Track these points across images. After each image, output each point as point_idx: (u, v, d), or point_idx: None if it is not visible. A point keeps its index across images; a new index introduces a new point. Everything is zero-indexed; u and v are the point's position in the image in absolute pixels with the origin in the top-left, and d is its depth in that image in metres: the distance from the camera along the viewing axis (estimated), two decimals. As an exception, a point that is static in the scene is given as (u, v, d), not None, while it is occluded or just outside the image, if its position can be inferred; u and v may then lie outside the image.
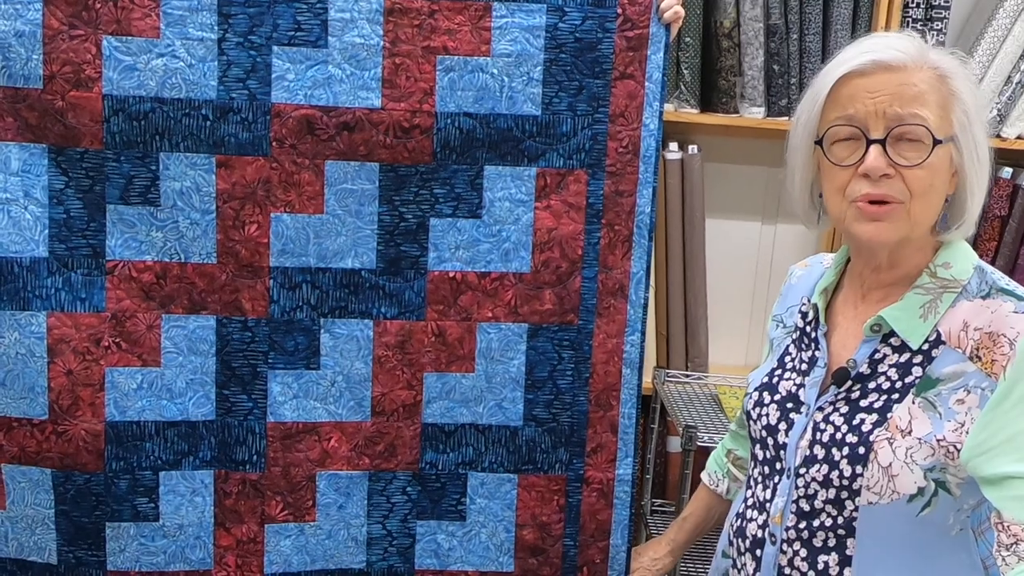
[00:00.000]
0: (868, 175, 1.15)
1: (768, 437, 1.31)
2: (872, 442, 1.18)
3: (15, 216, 1.54)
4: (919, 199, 1.16)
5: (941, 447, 1.14)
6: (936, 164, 1.16)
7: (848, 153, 1.18)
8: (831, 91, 1.19)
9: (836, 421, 1.22)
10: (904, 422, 1.17)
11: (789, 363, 1.34)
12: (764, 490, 1.30)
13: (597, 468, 1.72)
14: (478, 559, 1.73)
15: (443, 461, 1.69)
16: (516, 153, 1.61)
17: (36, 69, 1.50)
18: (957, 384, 1.15)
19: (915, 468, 1.15)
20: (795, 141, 1.27)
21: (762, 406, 1.33)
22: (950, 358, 1.17)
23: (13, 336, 1.56)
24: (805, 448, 1.24)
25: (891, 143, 1.15)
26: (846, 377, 1.24)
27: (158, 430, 1.62)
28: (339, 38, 1.54)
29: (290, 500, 1.66)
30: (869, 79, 1.16)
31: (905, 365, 1.20)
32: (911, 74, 1.16)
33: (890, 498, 1.17)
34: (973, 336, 1.15)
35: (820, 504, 1.22)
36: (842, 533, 1.21)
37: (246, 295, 1.60)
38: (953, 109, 1.17)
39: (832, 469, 1.21)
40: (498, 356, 1.66)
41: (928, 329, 1.19)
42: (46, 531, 1.63)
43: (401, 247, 1.62)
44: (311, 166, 1.57)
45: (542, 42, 1.57)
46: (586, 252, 1.65)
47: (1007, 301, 1.16)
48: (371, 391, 1.65)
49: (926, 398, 1.17)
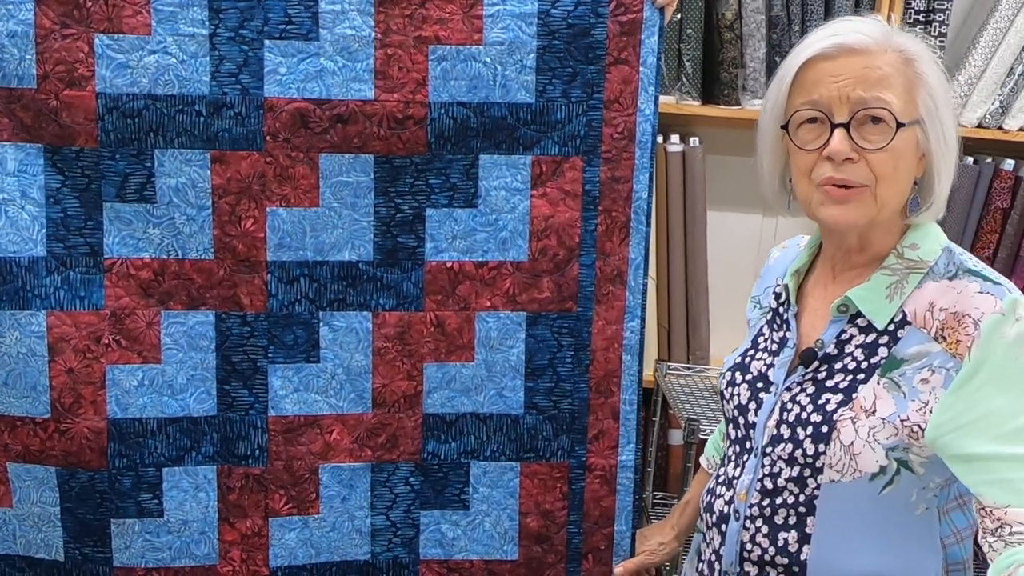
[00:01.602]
0: (832, 159, 1.16)
1: (739, 416, 1.32)
2: (835, 421, 1.18)
3: (12, 216, 1.55)
4: (884, 182, 1.16)
5: (904, 427, 1.14)
6: (901, 147, 1.16)
7: (813, 137, 1.18)
8: (797, 75, 1.20)
9: (802, 401, 1.23)
10: (868, 402, 1.17)
11: (762, 343, 1.35)
12: (735, 468, 1.32)
13: (599, 455, 1.72)
14: (482, 548, 1.74)
15: (445, 451, 1.69)
16: (511, 141, 1.60)
17: (29, 69, 1.50)
18: (921, 364, 1.15)
19: (877, 447, 1.16)
20: (763, 126, 1.28)
21: (734, 386, 1.34)
22: (915, 338, 1.17)
23: (14, 335, 1.57)
24: (772, 427, 1.25)
25: (855, 126, 1.15)
26: (813, 357, 1.24)
27: (160, 426, 1.62)
28: (330, 30, 1.54)
29: (293, 493, 1.66)
30: (833, 63, 1.17)
31: (871, 345, 1.20)
32: (875, 57, 1.16)
33: (852, 476, 1.18)
34: (938, 316, 1.15)
35: (783, 482, 1.23)
36: (803, 511, 1.22)
37: (244, 290, 1.60)
38: (919, 92, 1.17)
39: (796, 448, 1.21)
40: (497, 345, 1.66)
41: (894, 310, 1.19)
42: (52, 528, 1.64)
43: (398, 238, 1.62)
44: (305, 159, 1.57)
45: (534, 29, 1.57)
46: (583, 239, 1.64)
47: (973, 282, 1.15)
48: (371, 383, 1.65)
49: (891, 378, 1.17)
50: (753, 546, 1.26)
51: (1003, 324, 1.10)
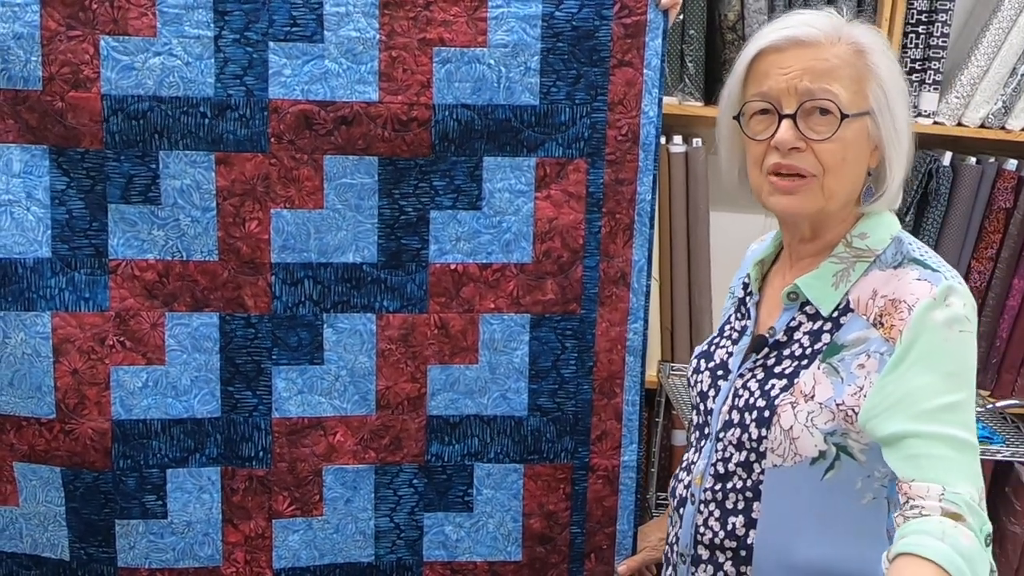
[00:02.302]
0: (779, 148, 1.18)
1: (700, 403, 1.35)
2: (776, 406, 1.20)
3: (18, 217, 1.55)
4: (831, 173, 1.18)
5: (841, 411, 1.16)
6: (849, 138, 1.17)
7: (763, 127, 1.20)
8: (750, 68, 1.22)
9: (752, 387, 1.26)
10: (808, 387, 1.19)
11: (727, 331, 1.38)
12: (695, 453, 1.35)
13: (602, 455, 1.72)
14: (486, 549, 1.74)
15: (449, 453, 1.69)
16: (515, 143, 1.60)
17: (35, 71, 1.50)
18: (859, 350, 1.17)
19: (815, 432, 1.17)
20: (721, 119, 1.31)
21: (698, 373, 1.38)
22: (856, 325, 1.19)
23: (19, 336, 1.57)
24: (725, 413, 1.28)
25: (802, 117, 1.17)
26: (763, 344, 1.27)
27: (164, 428, 1.63)
28: (335, 32, 1.54)
29: (297, 495, 1.67)
30: (783, 55, 1.19)
31: (816, 332, 1.22)
32: (824, 49, 1.18)
33: (793, 460, 1.19)
34: (879, 303, 1.17)
35: (732, 467, 1.26)
36: (750, 496, 1.24)
37: (248, 292, 1.61)
38: (869, 84, 1.18)
39: (743, 432, 1.24)
40: (501, 347, 1.66)
41: (839, 297, 1.21)
42: (58, 528, 1.65)
43: (402, 240, 1.62)
44: (310, 161, 1.58)
45: (539, 31, 1.57)
46: (587, 241, 1.64)
47: (914, 269, 1.17)
48: (375, 385, 1.65)
49: (830, 364, 1.19)
50: (706, 529, 1.29)
51: (933, 308, 1.12)
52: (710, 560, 1.29)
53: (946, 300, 1.12)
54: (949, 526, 1.03)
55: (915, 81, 2.12)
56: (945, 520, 1.04)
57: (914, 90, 2.12)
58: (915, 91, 2.12)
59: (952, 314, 1.11)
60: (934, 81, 2.11)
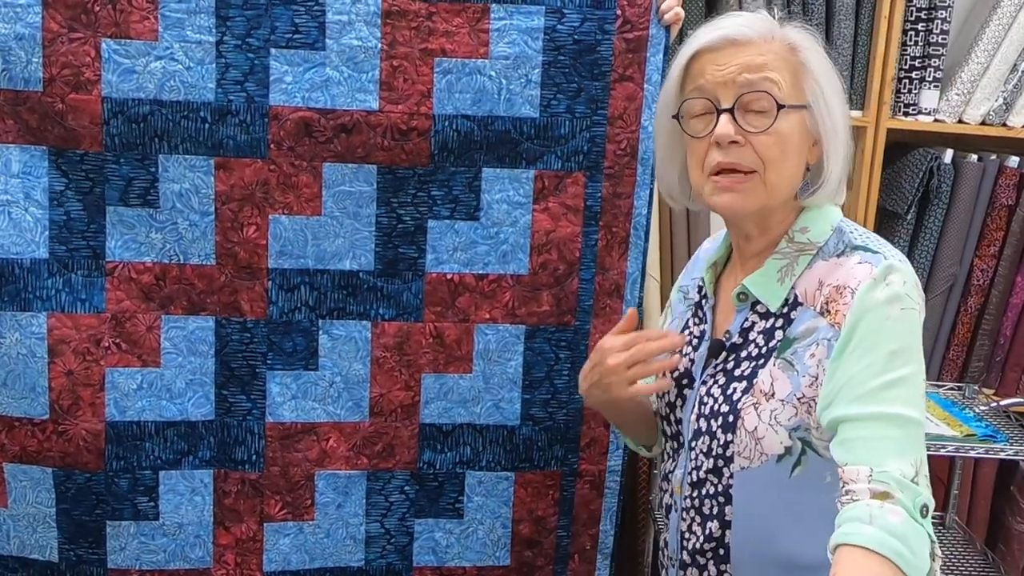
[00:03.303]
0: (719, 143, 1.18)
1: (669, 414, 1.35)
2: (739, 409, 1.21)
3: (16, 218, 1.55)
4: (771, 166, 1.18)
5: (802, 404, 1.16)
6: (786, 131, 1.18)
7: (703, 126, 1.21)
8: (686, 68, 1.23)
9: (715, 393, 1.26)
10: (767, 385, 1.19)
11: (688, 338, 1.37)
12: (671, 463, 1.36)
13: (590, 461, 1.73)
14: (475, 555, 1.75)
15: (441, 461, 1.70)
16: (514, 155, 1.61)
17: (36, 72, 1.50)
18: (810, 340, 1.17)
19: (780, 429, 1.18)
20: (658, 123, 1.32)
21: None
22: (805, 316, 1.19)
23: (14, 336, 1.57)
24: (694, 422, 1.28)
25: (741, 112, 1.18)
26: (721, 348, 1.27)
27: (158, 430, 1.63)
28: (337, 40, 1.55)
29: (289, 499, 1.67)
30: (719, 53, 1.20)
31: (769, 330, 1.23)
32: (759, 47, 1.19)
33: (759, 460, 1.20)
34: (824, 292, 1.17)
35: (703, 474, 1.27)
36: (722, 500, 1.25)
37: (245, 296, 1.61)
38: (804, 79, 1.20)
39: (712, 440, 1.25)
40: (496, 357, 1.67)
41: (785, 291, 1.22)
42: (47, 529, 1.65)
43: (399, 249, 1.63)
44: (309, 168, 1.58)
45: (540, 44, 1.57)
46: (584, 254, 1.65)
47: (856, 254, 1.18)
48: (369, 392, 1.66)
49: (785, 358, 1.19)
50: (689, 535, 1.30)
51: (874, 288, 1.12)
52: (693, 563, 1.31)
53: (886, 279, 1.12)
54: (876, 507, 1.04)
55: (915, 79, 2.11)
56: (872, 502, 1.04)
57: (914, 88, 2.11)
58: (915, 89, 2.12)
59: (892, 292, 1.12)
60: (934, 78, 2.10)
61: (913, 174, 2.14)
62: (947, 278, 2.18)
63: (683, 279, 1.47)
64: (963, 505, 2.28)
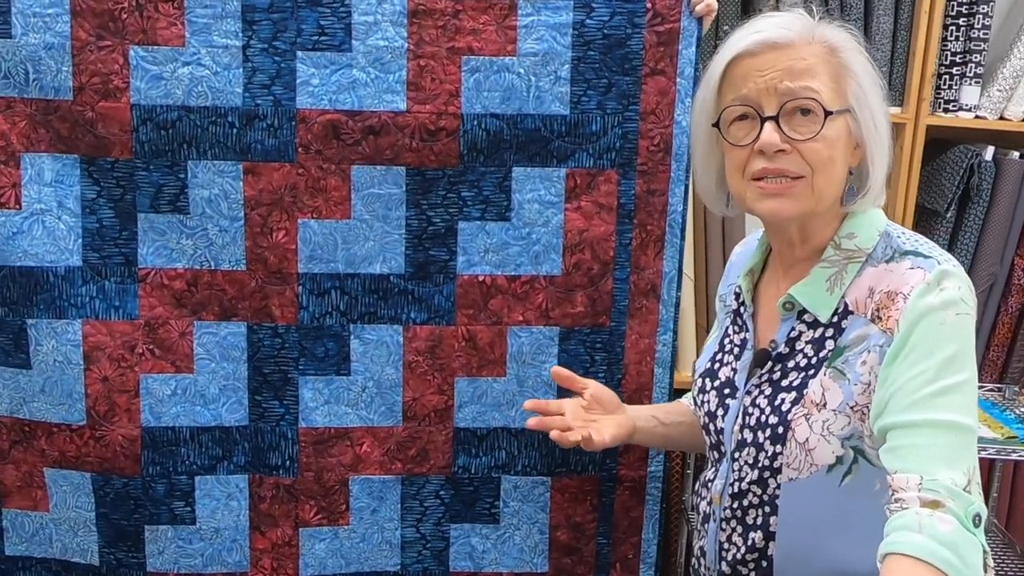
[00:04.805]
0: (764, 152, 1.16)
1: (710, 424, 1.33)
2: (790, 421, 1.19)
3: (49, 226, 1.56)
4: (819, 172, 1.16)
5: (855, 412, 1.14)
6: (832, 136, 1.15)
7: (744, 133, 1.18)
8: (724, 74, 1.20)
9: (761, 403, 1.24)
10: (818, 396, 1.17)
11: (728, 345, 1.35)
12: (711, 471, 1.34)
13: (629, 467, 1.70)
14: (512, 560, 1.73)
15: (476, 465, 1.68)
16: (545, 154, 1.58)
17: (66, 81, 1.51)
18: (861, 347, 1.15)
19: (832, 439, 1.16)
20: (695, 127, 1.29)
21: (704, 392, 1.35)
22: (856, 324, 1.17)
23: (51, 344, 1.59)
24: (737, 432, 1.26)
25: (785, 119, 1.15)
26: (766, 358, 1.25)
27: (193, 435, 1.63)
28: (363, 41, 1.53)
29: (323, 504, 1.67)
30: (759, 58, 1.17)
31: (819, 340, 1.20)
32: (800, 50, 1.16)
33: (809, 471, 1.18)
34: (876, 299, 1.15)
35: (747, 485, 1.25)
36: (767, 511, 1.23)
37: (276, 301, 1.60)
38: (846, 81, 1.17)
39: (758, 452, 1.22)
40: (529, 360, 1.64)
41: (835, 301, 1.19)
42: (88, 533, 1.67)
43: (430, 251, 1.60)
44: (337, 171, 1.56)
45: (569, 40, 1.54)
46: (618, 253, 1.62)
47: (906, 260, 1.15)
48: (402, 396, 1.64)
49: (836, 367, 1.17)
50: (730, 545, 1.28)
51: (927, 293, 1.10)
52: (734, 574, 1.28)
53: (940, 284, 1.10)
54: (926, 516, 1.02)
55: (956, 75, 2.05)
56: (922, 511, 1.02)
57: (955, 84, 2.06)
58: (956, 85, 2.06)
59: (948, 297, 1.09)
60: (975, 74, 2.05)
61: (953, 171, 2.08)
62: (987, 277, 2.12)
63: (720, 287, 1.45)
64: (1002, 508, 2.21)
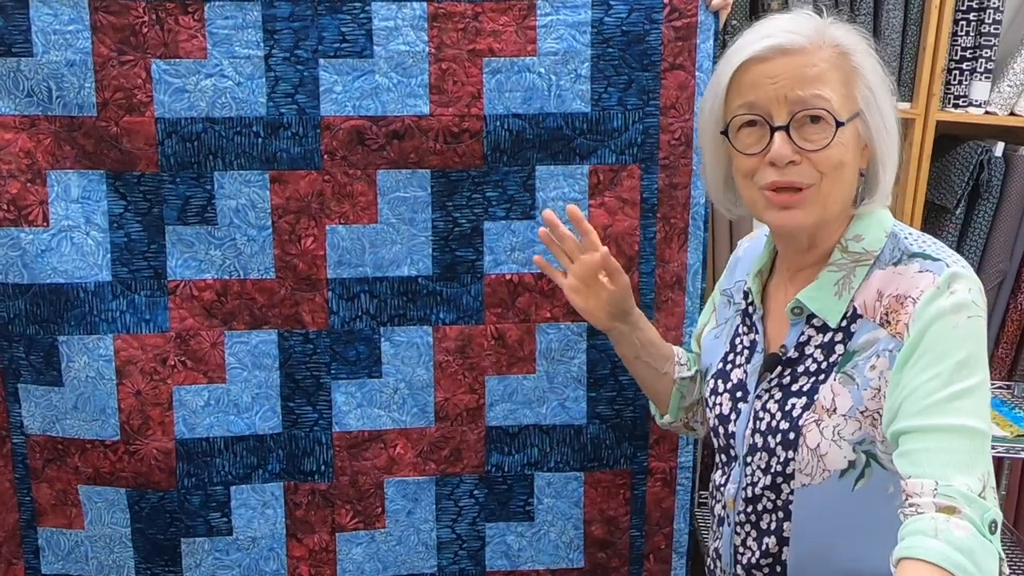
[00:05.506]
0: (775, 163, 1.14)
1: (720, 426, 1.32)
2: (801, 426, 1.18)
3: (78, 243, 1.56)
4: (829, 178, 1.14)
5: (866, 417, 1.13)
6: (843, 143, 1.14)
7: (754, 140, 1.16)
8: (733, 78, 1.17)
9: (771, 408, 1.23)
10: (828, 401, 1.16)
11: (739, 346, 1.34)
12: (722, 476, 1.33)
13: (660, 459, 1.71)
14: (548, 557, 1.74)
15: (509, 463, 1.69)
16: (567, 152, 1.59)
17: (89, 97, 1.51)
18: (870, 352, 1.14)
19: (843, 444, 1.15)
20: (702, 130, 1.27)
21: (716, 395, 1.34)
22: (865, 328, 1.16)
23: (83, 360, 1.59)
24: (749, 437, 1.25)
25: (795, 128, 1.13)
26: (776, 363, 1.24)
27: (227, 445, 1.64)
28: (384, 47, 1.54)
29: (359, 508, 1.67)
30: (769, 64, 1.14)
31: (828, 344, 1.19)
32: (810, 55, 1.13)
33: (822, 477, 1.17)
34: (885, 303, 1.14)
35: (760, 490, 1.24)
36: (780, 516, 1.22)
37: (306, 308, 1.61)
38: (857, 85, 1.15)
39: (771, 457, 1.21)
40: (559, 356, 1.65)
41: (844, 306, 1.18)
42: (123, 549, 1.66)
43: (456, 252, 1.62)
44: (363, 176, 1.58)
45: (588, 38, 1.56)
46: (642, 247, 1.63)
47: (915, 263, 1.14)
48: (434, 397, 1.65)
49: (845, 372, 1.16)
50: (744, 549, 1.28)
51: (938, 297, 1.08)
52: None
53: (950, 287, 1.09)
54: (941, 521, 1.01)
55: (966, 70, 2.07)
56: (938, 516, 1.01)
57: (965, 79, 2.08)
58: (966, 80, 2.08)
59: (958, 300, 1.08)
60: (985, 70, 2.06)
61: (963, 167, 2.09)
62: (996, 274, 2.13)
63: (724, 281, 1.43)
64: (1011, 506, 2.22)
